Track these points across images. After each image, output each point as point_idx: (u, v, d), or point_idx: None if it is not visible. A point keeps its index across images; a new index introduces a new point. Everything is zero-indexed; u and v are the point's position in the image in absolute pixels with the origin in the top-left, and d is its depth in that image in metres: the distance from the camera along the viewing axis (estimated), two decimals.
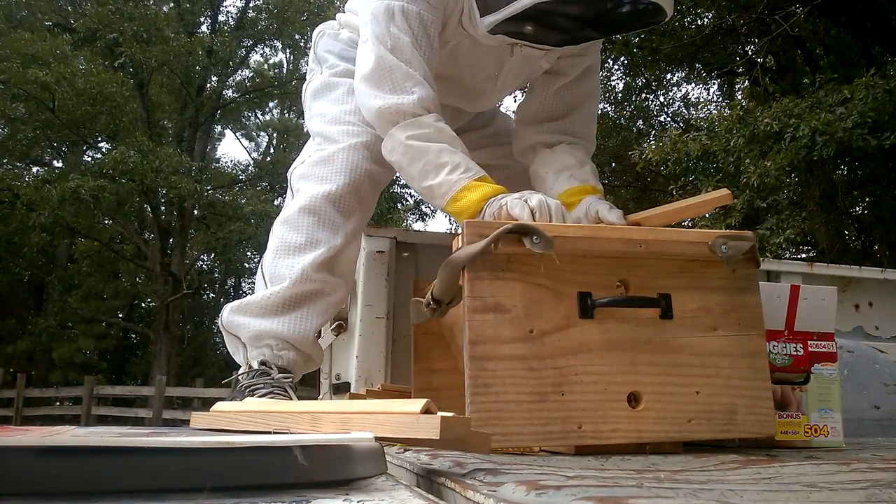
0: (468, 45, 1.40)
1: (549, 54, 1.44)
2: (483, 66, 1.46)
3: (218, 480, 0.51)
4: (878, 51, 7.06)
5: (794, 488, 0.55)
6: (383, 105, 1.26)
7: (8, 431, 0.59)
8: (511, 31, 1.31)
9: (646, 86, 10.19)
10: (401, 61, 1.27)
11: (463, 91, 1.55)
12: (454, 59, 1.43)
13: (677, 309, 0.98)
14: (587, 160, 1.52)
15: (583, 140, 1.55)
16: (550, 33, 1.33)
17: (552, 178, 1.47)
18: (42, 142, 13.85)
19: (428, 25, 1.31)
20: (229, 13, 18.77)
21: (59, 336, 14.63)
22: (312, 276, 1.32)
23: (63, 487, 0.48)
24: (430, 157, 1.22)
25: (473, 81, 1.50)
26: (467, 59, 1.44)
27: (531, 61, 1.45)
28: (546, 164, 1.50)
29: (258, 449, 0.52)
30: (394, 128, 1.26)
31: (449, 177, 1.20)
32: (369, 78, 1.29)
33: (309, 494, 0.51)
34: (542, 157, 1.53)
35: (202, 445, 0.51)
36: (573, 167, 1.46)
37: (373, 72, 1.28)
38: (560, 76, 1.52)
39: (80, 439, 0.52)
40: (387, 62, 1.27)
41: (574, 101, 1.54)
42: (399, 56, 1.27)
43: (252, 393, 1.26)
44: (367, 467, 0.58)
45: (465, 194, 1.18)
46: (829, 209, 7.08)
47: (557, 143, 1.52)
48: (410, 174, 1.26)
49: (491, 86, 1.51)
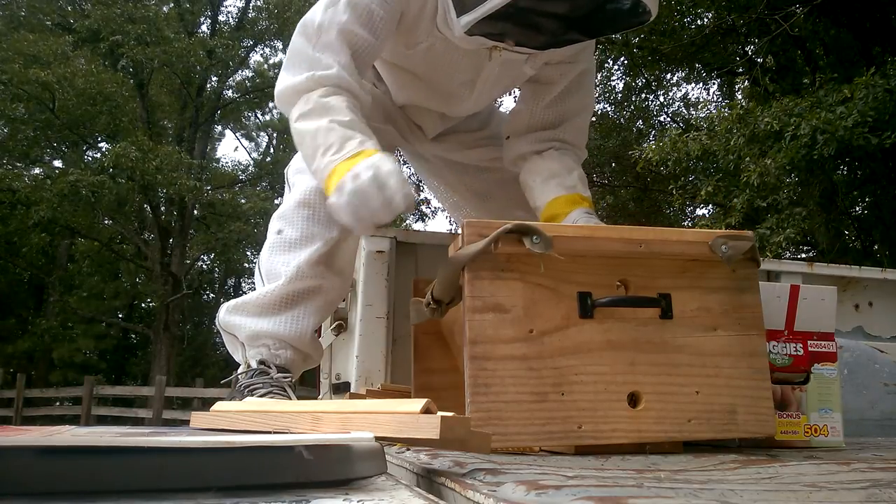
0: (443, 47, 1.34)
1: (532, 59, 1.38)
2: (460, 71, 1.40)
3: (217, 480, 0.51)
4: (878, 50, 7.06)
5: (794, 488, 0.55)
6: (281, 88, 1.24)
7: (7, 431, 0.59)
8: (489, 32, 1.25)
9: (646, 86, 10.19)
10: (318, 45, 1.23)
11: (438, 94, 1.50)
12: (429, 61, 1.38)
13: (677, 309, 0.98)
14: (576, 167, 1.49)
15: (574, 147, 1.53)
16: (531, 35, 1.28)
17: (540, 186, 1.45)
18: (42, 142, 13.85)
19: (377, 20, 1.26)
20: (229, 13, 18.77)
21: (59, 336, 14.62)
22: (309, 273, 1.30)
23: (63, 487, 0.48)
24: (307, 139, 1.19)
25: (450, 86, 1.45)
26: (442, 62, 1.38)
27: (513, 67, 1.39)
28: (534, 172, 1.48)
29: (257, 449, 0.52)
30: (291, 109, 1.24)
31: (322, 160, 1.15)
32: (284, 64, 1.27)
33: (309, 494, 0.51)
34: (530, 163, 1.51)
35: (201, 445, 0.51)
36: (561, 174, 1.44)
37: (288, 53, 1.27)
38: (549, 85, 1.47)
39: (80, 439, 0.52)
40: (299, 45, 1.25)
41: (567, 113, 1.51)
42: (320, 40, 1.24)
43: (251, 392, 1.26)
44: (366, 467, 0.57)
45: (330, 181, 1.13)
46: (830, 209, 7.08)
47: (547, 150, 1.50)
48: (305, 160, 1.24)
49: (468, 91, 1.45)
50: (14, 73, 11.71)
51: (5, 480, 0.45)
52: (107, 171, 11.71)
